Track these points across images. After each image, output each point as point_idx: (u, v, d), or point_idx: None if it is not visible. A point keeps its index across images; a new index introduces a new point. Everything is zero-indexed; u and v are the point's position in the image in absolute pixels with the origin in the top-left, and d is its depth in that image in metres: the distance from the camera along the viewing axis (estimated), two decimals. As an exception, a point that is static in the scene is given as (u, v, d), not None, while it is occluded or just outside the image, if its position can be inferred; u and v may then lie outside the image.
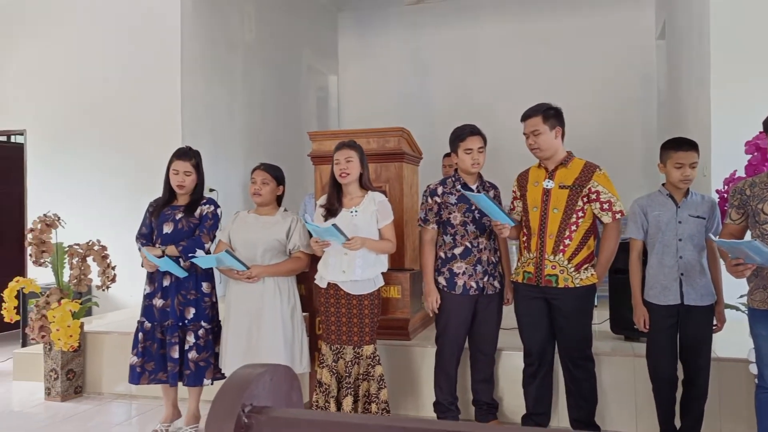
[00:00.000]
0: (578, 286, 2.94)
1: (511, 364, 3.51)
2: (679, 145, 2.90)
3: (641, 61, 7.17)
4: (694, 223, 2.88)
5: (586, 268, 2.97)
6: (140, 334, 3.38)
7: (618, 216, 2.97)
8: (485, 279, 3.18)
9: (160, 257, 3.26)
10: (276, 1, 7.02)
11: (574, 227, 2.94)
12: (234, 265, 3.14)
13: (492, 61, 7.60)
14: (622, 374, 3.41)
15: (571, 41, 7.34)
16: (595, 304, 3.29)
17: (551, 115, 2.98)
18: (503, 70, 7.52)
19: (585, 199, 2.95)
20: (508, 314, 3.39)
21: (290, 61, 7.35)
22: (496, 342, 3.33)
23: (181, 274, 3.30)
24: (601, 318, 4.10)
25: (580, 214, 2.95)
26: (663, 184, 3.00)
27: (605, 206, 2.95)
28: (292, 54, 7.40)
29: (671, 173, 2.89)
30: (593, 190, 2.94)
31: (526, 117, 3.03)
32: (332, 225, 2.97)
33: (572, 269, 2.94)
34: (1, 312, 4.21)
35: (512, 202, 3.21)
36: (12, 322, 4.30)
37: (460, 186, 3.20)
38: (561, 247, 2.94)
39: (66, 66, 5.71)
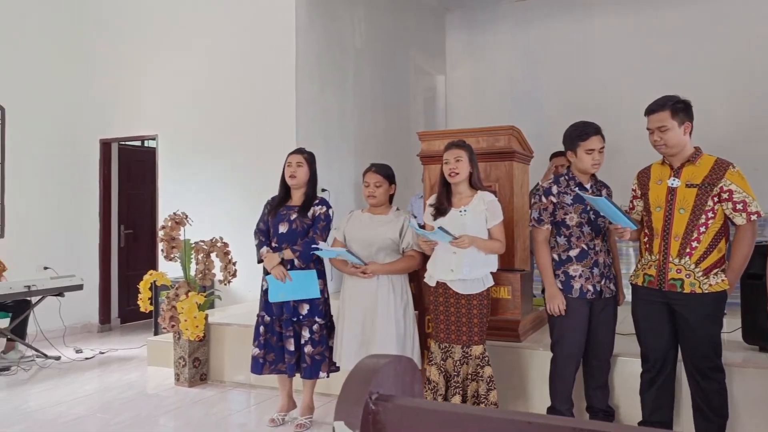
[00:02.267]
0: (707, 292, 2.74)
1: (628, 371, 3.35)
2: None
3: (784, 47, 6.52)
4: None
5: (716, 273, 2.75)
6: (261, 328, 3.57)
7: (753, 217, 2.73)
8: (602, 282, 3.06)
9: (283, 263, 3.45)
10: (384, 4, 7.14)
11: (702, 229, 2.74)
12: (352, 259, 3.26)
13: (607, 55, 7.25)
14: (757, 387, 3.14)
15: (698, 29, 6.83)
16: (725, 311, 3.06)
17: (680, 108, 2.79)
18: (619, 64, 7.16)
19: (716, 199, 2.73)
20: (627, 319, 3.24)
21: (398, 63, 7.45)
22: (612, 347, 3.19)
23: (314, 294, 3.47)
24: (731, 326, 3.81)
25: (710, 214, 2.74)
26: None
27: (739, 206, 2.72)
28: (400, 55, 7.49)
29: None
30: (725, 189, 2.72)
31: (650, 111, 2.85)
32: (438, 228, 2.99)
33: (700, 274, 2.74)
34: (138, 302, 4.62)
35: (631, 201, 3.05)
36: (146, 312, 4.71)
37: (575, 186, 3.09)
38: (687, 250, 2.75)
39: (192, 75, 6.14)
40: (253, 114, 5.84)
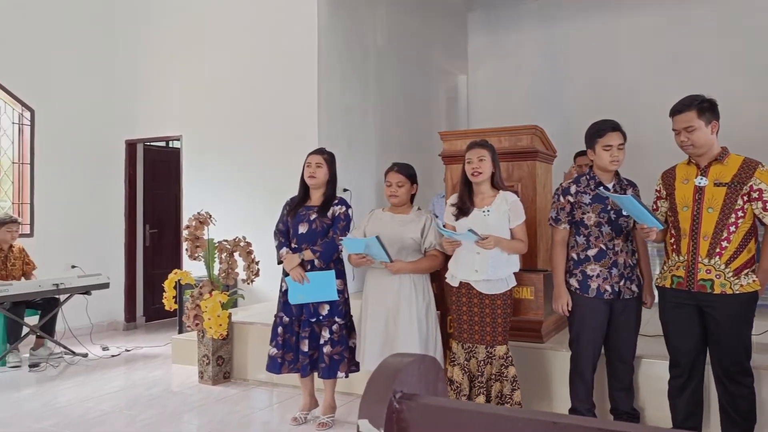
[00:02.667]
0: (737, 292, 2.69)
1: (653, 373, 3.30)
2: None
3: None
4: None
5: (746, 274, 2.70)
6: (279, 328, 3.58)
7: None
8: (621, 282, 3.02)
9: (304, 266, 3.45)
10: (407, 4, 7.14)
11: (732, 228, 2.69)
12: (379, 254, 3.21)
13: (632, 53, 7.16)
14: (787, 392, 3.08)
15: (724, 27, 6.70)
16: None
17: (706, 108, 2.74)
18: (644, 62, 7.06)
19: (745, 198, 2.68)
20: (651, 320, 3.19)
21: (420, 63, 7.44)
22: (635, 349, 3.14)
23: (332, 296, 3.47)
24: (758, 329, 3.73)
25: (740, 213, 2.68)
26: None
27: None
28: (422, 55, 7.48)
29: None
30: (755, 188, 2.67)
31: (676, 112, 2.80)
32: (469, 231, 2.98)
33: (730, 274, 2.69)
34: (162, 301, 4.68)
35: (655, 202, 3.01)
36: (171, 310, 4.77)
37: (595, 185, 3.06)
38: (717, 250, 2.70)
39: (216, 76, 6.20)
40: (275, 114, 5.88)
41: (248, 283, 4.52)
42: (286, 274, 3.54)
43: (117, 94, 6.74)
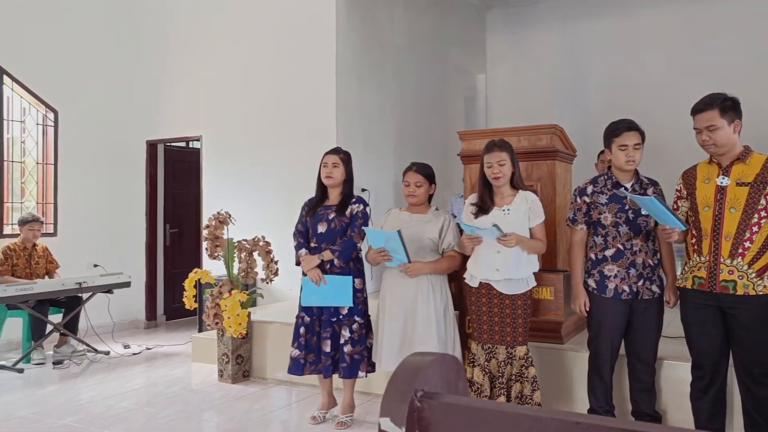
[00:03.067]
0: (761, 293, 2.65)
1: (676, 375, 3.26)
2: None
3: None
4: None
5: (770, 275, 2.67)
6: (301, 329, 3.59)
7: None
8: (640, 283, 2.99)
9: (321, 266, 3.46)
10: (424, 3, 7.13)
11: (755, 228, 2.65)
12: (398, 250, 3.19)
13: (653, 51, 7.07)
14: (813, 395, 3.02)
15: (746, 25, 6.60)
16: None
17: (729, 107, 2.70)
18: (666, 60, 6.97)
19: (768, 198, 2.65)
20: (673, 322, 3.15)
21: (438, 62, 7.43)
22: (656, 350, 3.11)
23: (346, 303, 3.47)
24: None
25: (763, 214, 2.65)
26: None
27: None
28: (440, 55, 7.46)
29: None
30: None
31: (698, 111, 2.77)
32: (493, 225, 2.97)
33: (753, 275, 2.65)
34: (183, 299, 4.73)
35: (676, 202, 2.97)
36: (191, 309, 4.82)
37: (612, 185, 3.03)
38: (740, 251, 2.66)
39: (235, 77, 6.25)
40: (294, 114, 5.91)
41: (267, 283, 4.55)
42: (305, 274, 3.55)
43: (138, 96, 6.82)
